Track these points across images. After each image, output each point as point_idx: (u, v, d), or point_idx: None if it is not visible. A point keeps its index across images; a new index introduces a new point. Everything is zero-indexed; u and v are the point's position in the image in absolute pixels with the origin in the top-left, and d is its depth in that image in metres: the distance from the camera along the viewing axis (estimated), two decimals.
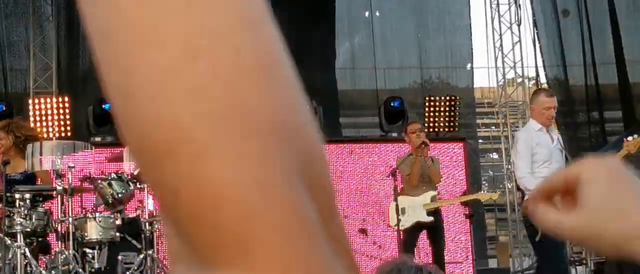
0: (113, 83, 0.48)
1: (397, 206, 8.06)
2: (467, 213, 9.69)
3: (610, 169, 1.01)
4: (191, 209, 0.47)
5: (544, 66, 15.02)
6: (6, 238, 7.21)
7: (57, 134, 11.26)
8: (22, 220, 7.31)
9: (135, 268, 7.60)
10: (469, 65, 15.33)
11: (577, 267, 12.38)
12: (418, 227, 8.41)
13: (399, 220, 8.05)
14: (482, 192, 9.19)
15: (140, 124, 0.47)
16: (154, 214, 7.84)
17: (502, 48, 15.56)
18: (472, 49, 15.28)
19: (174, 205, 0.48)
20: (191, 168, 0.46)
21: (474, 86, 17.03)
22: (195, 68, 0.46)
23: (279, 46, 0.50)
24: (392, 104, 12.03)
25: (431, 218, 8.41)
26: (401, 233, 8.24)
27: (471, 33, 15.20)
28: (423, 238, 8.64)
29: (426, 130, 11.80)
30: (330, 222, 0.51)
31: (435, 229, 8.50)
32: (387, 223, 8.82)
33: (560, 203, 1.05)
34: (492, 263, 14.35)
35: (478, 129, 20.79)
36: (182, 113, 0.46)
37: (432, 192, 8.52)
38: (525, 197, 7.04)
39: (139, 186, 7.82)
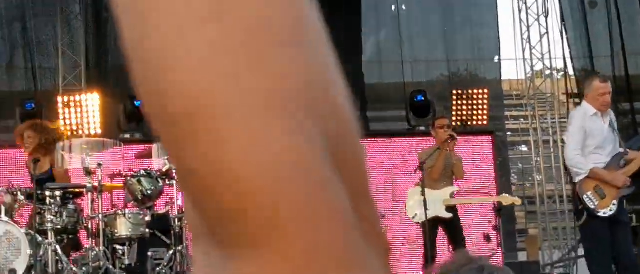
0: (131, 44, 0.44)
1: (425, 200, 8.01)
2: (496, 206, 9.63)
3: None
4: (210, 189, 0.43)
5: (571, 58, 14.92)
6: (37, 235, 7.28)
7: (87, 132, 11.34)
8: (52, 217, 7.39)
9: (165, 263, 7.66)
10: (496, 58, 15.26)
11: None
12: (436, 221, 8.34)
13: (426, 211, 7.99)
14: (506, 195, 9.07)
15: (157, 93, 0.43)
16: (183, 210, 7.89)
17: (530, 40, 15.47)
18: (499, 41, 15.20)
19: (192, 182, 0.44)
20: (210, 144, 0.42)
21: (502, 78, 16.95)
22: (219, 26, 0.42)
23: (313, 12, 0.47)
24: (416, 98, 12.01)
25: (450, 215, 8.35)
26: (422, 226, 8.20)
27: (498, 25, 15.13)
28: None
29: (454, 123, 11.77)
30: (361, 202, 0.48)
31: (453, 226, 8.43)
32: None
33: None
34: (522, 256, 14.29)
35: (507, 122, 20.69)
36: (201, 81, 0.42)
37: (452, 188, 8.47)
38: (576, 180, 6.94)
39: (167, 182, 7.86)
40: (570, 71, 15.27)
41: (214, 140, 0.43)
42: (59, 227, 7.42)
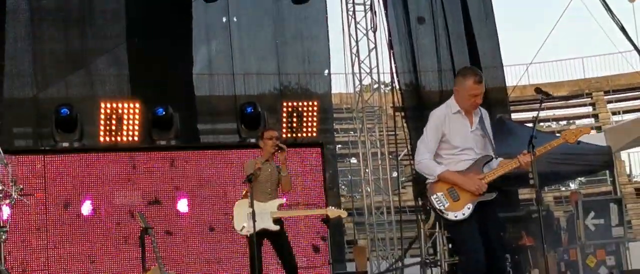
0: None
1: (253, 212, 7.94)
2: (324, 217, 9.70)
3: None
4: None
5: (396, 72, 15.29)
6: None
7: None
8: None
9: None
10: (326, 71, 15.45)
11: (432, 268, 12.67)
12: (263, 234, 8.28)
13: (254, 224, 7.92)
14: (331, 208, 9.00)
15: None
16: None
17: (359, 54, 15.79)
18: (329, 55, 15.38)
19: None
20: None
21: (333, 92, 17.17)
22: None
23: None
24: (246, 110, 11.99)
25: (277, 227, 8.31)
26: (249, 238, 8.11)
27: (328, 39, 15.30)
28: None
29: (284, 135, 11.82)
30: None
31: (279, 237, 8.39)
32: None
33: None
34: (350, 267, 14.51)
35: (337, 134, 20.99)
36: None
37: (280, 201, 8.42)
38: (427, 182, 6.32)
39: None
40: (397, 85, 15.64)
41: None
42: None
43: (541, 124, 29.76)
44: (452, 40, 15.34)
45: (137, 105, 11.41)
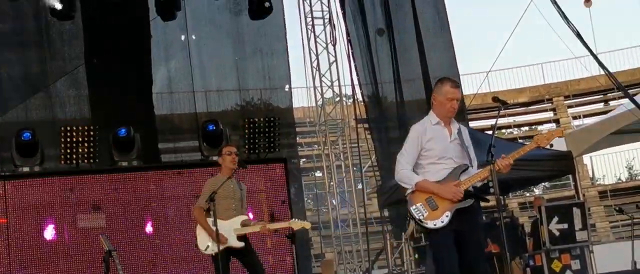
0: None
1: (217, 230, 7.88)
2: (288, 233, 9.67)
3: None
4: None
5: (359, 84, 15.33)
6: None
7: None
8: None
9: None
10: (286, 87, 15.44)
11: None
12: (229, 252, 8.23)
13: (218, 238, 7.88)
14: (295, 220, 8.95)
15: None
16: None
17: (319, 68, 15.80)
18: (289, 70, 15.38)
19: None
20: None
21: (295, 106, 17.15)
22: None
23: None
24: (208, 128, 11.94)
25: (242, 243, 8.26)
26: (214, 257, 8.06)
27: (288, 54, 15.29)
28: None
29: (246, 152, 11.77)
30: None
31: (247, 254, 8.34)
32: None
33: None
34: None
35: (301, 148, 21.00)
36: None
37: (243, 217, 8.38)
38: (406, 193, 6.38)
39: None
40: (359, 97, 15.68)
41: None
42: None
43: (503, 130, 30.01)
44: (400, 53, 15.37)
45: (97, 127, 11.32)
